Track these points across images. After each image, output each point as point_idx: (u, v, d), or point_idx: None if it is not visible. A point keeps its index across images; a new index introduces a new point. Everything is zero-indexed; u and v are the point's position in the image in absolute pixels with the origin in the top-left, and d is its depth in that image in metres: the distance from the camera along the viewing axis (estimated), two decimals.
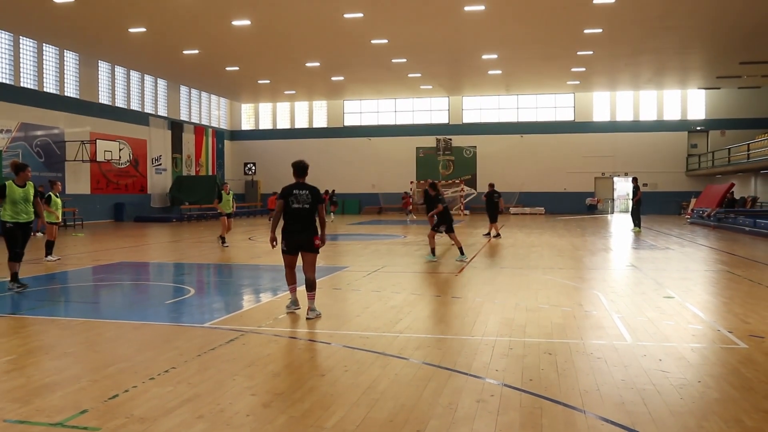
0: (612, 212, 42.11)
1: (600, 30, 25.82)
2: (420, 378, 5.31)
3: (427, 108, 45.14)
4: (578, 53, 30.29)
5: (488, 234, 20.98)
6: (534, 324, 7.45)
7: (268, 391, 4.98)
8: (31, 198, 10.67)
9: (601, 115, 42.92)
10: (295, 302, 8.27)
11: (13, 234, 10.31)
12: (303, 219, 7.92)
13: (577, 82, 38.87)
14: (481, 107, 44.45)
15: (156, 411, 4.51)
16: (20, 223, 10.38)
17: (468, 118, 44.61)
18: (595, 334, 6.95)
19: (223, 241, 18.25)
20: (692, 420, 4.38)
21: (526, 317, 7.85)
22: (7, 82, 27.31)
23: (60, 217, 15.58)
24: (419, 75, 36.29)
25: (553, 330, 7.14)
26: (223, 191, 18.77)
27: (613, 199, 42.85)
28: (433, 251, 14.78)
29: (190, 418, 4.36)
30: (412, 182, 42.92)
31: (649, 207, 32.85)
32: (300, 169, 8.07)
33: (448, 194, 42.70)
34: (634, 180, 24.76)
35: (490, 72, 35.28)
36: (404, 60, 31.94)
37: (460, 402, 4.70)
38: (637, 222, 24.23)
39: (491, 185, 21.99)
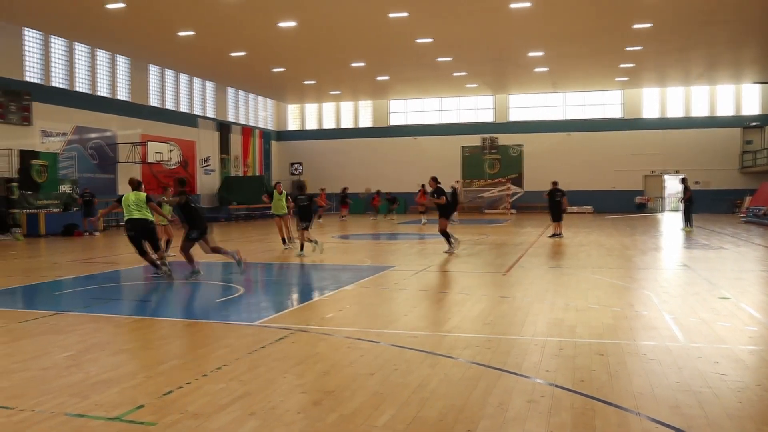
0: (662, 211, 41.23)
1: (650, 24, 25.31)
2: (469, 378, 5.29)
3: (473, 107, 44.90)
4: (627, 49, 29.74)
5: (554, 235, 20.40)
6: (584, 324, 7.35)
7: (318, 389, 5.02)
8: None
9: (650, 111, 42.07)
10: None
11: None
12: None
13: (626, 79, 38.15)
14: (528, 105, 44.02)
15: (209, 407, 4.58)
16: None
17: (514, 116, 44.23)
18: (648, 335, 6.82)
19: (284, 242, 17.68)
20: (751, 424, 4.27)
21: (575, 317, 7.75)
22: (63, 86, 28.11)
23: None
24: (464, 74, 36.12)
25: (603, 330, 7.03)
26: (275, 191, 17.87)
27: (663, 198, 41.96)
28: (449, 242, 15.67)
29: (243, 415, 4.42)
30: (457, 181, 42.75)
31: (701, 205, 32.05)
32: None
33: (495, 193, 42.47)
34: (683, 180, 24.13)
35: (537, 69, 34.91)
36: (449, 59, 31.83)
37: (511, 402, 4.67)
38: (688, 221, 23.66)
39: (554, 183, 21.35)
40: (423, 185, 30.50)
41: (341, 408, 4.57)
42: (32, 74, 26.64)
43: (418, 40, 27.88)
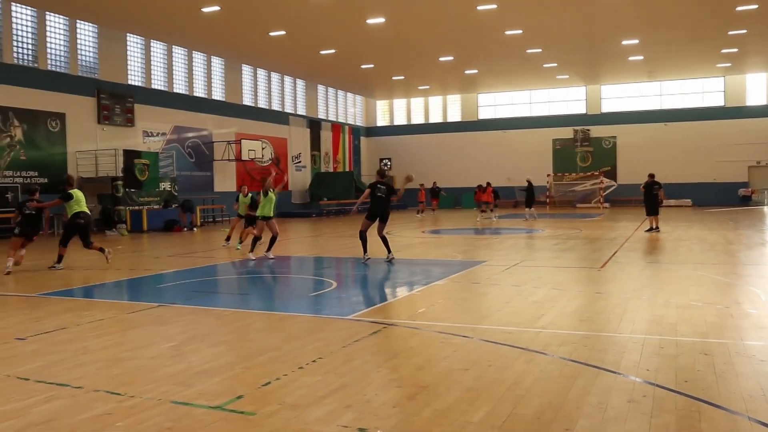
0: None
1: (755, 6, 23.97)
2: (566, 375, 5.18)
3: (564, 98, 43.86)
4: (729, 33, 28.30)
5: (651, 229, 19.69)
6: (686, 322, 7.06)
7: (413, 384, 5.03)
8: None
9: (756, 98, 39.84)
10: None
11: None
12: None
13: (728, 64, 36.29)
14: (621, 95, 42.61)
15: (306, 399, 4.68)
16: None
17: (607, 107, 42.93)
18: (757, 335, 6.48)
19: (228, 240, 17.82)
20: None
21: (676, 315, 7.45)
22: (162, 88, 29.34)
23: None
24: (555, 65, 35.33)
25: (708, 329, 6.73)
26: (241, 194, 17.56)
27: None
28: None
29: (339, 407, 4.49)
30: (549, 175, 41.91)
31: None
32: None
33: (587, 186, 41.36)
34: None
35: (631, 58, 33.74)
36: (539, 50, 31.22)
37: (610, 402, 4.54)
38: None
39: (651, 175, 20.54)
40: (488, 183, 30.04)
41: (436, 403, 4.57)
42: (134, 77, 27.93)
43: (507, 32, 27.48)
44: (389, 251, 13.22)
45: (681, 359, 5.60)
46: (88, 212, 13.82)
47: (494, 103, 45.44)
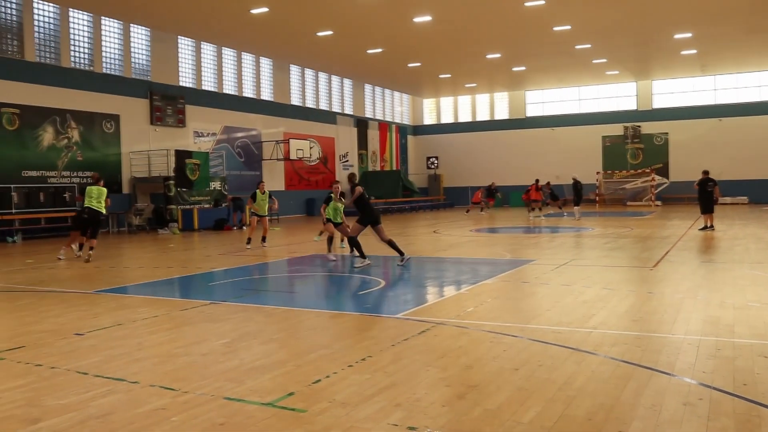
0: None
1: None
2: (619, 376, 5.09)
3: (614, 94, 43.12)
4: None
5: (705, 227, 19.19)
6: (744, 323, 6.87)
7: (462, 383, 5.02)
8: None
9: None
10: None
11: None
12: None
13: None
14: (673, 90, 41.66)
15: (356, 397, 4.71)
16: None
17: (658, 102, 42.02)
18: None
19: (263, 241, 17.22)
20: None
21: (733, 316, 7.26)
22: (212, 89, 29.84)
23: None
24: (605, 60, 34.77)
25: (767, 331, 6.54)
26: (258, 191, 17.17)
27: None
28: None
29: (389, 406, 4.50)
30: (598, 172, 41.23)
31: None
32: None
33: (638, 184, 40.56)
34: None
35: (683, 52, 32.96)
36: (588, 45, 30.76)
37: (665, 404, 4.45)
38: None
39: (705, 172, 19.98)
40: (537, 180, 29.61)
41: (486, 402, 4.55)
42: (186, 79, 28.47)
43: (556, 28, 27.15)
44: (401, 253, 12.46)
45: (739, 362, 5.45)
46: (96, 209, 14.31)
47: (542, 100, 44.94)
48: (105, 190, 14.49)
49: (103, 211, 14.45)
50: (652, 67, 38.12)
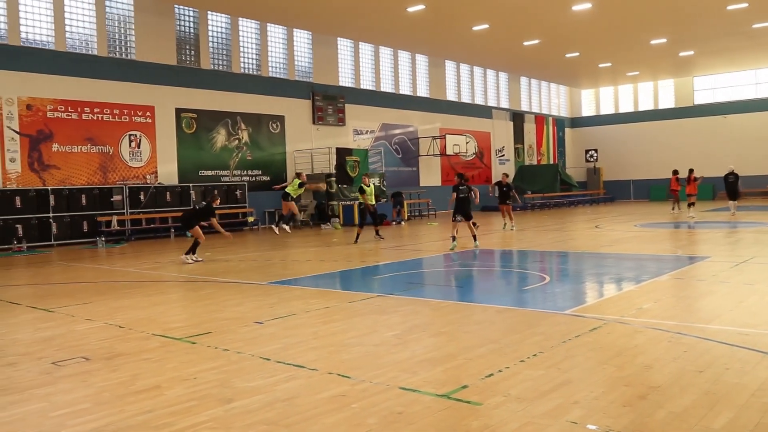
0: None
1: None
2: None
3: None
4: None
5: None
6: None
7: (642, 384, 4.81)
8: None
9: None
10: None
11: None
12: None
13: None
14: None
15: (531, 392, 4.66)
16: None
17: None
18: None
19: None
20: None
21: None
22: (370, 88, 30.62)
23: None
24: None
25: None
26: (362, 184, 18.92)
27: None
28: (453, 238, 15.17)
29: (566, 403, 4.42)
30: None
31: None
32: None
33: None
34: None
35: None
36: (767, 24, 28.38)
37: None
38: None
39: None
40: (691, 170, 26.80)
41: (670, 405, 4.34)
42: (345, 79, 29.43)
43: (730, 7, 25.27)
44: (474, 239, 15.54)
45: None
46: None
47: (713, 86, 41.97)
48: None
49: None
50: None
